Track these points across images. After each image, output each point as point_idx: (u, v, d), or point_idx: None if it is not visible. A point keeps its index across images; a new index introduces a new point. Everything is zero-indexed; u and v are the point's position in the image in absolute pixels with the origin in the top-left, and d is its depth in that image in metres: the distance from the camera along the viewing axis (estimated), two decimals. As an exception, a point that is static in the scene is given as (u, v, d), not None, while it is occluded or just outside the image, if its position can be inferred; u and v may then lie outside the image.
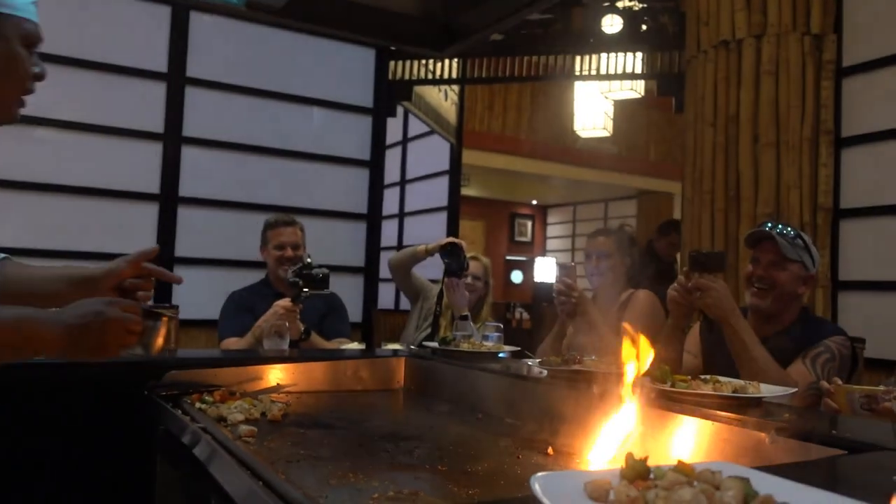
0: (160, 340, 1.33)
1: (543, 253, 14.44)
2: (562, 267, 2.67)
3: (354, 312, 4.28)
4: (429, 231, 5.93)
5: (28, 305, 1.48)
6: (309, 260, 2.67)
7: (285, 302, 2.64)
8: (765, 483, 0.70)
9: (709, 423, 1.29)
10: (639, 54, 4.45)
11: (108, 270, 1.44)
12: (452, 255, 3.04)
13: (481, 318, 3.33)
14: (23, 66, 1.23)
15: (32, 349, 1.14)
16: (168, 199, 4.02)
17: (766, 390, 1.47)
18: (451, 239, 3.12)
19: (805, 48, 3.38)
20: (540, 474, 0.69)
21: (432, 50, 2.47)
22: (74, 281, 1.45)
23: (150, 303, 1.50)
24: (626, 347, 1.18)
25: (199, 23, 4.13)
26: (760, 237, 2.16)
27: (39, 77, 1.28)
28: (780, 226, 2.17)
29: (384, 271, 5.16)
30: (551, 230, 14.77)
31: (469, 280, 3.29)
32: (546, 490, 0.66)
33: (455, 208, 5.78)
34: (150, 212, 3.96)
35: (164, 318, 1.33)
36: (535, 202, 14.48)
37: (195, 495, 1.38)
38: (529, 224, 14.61)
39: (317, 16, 2.32)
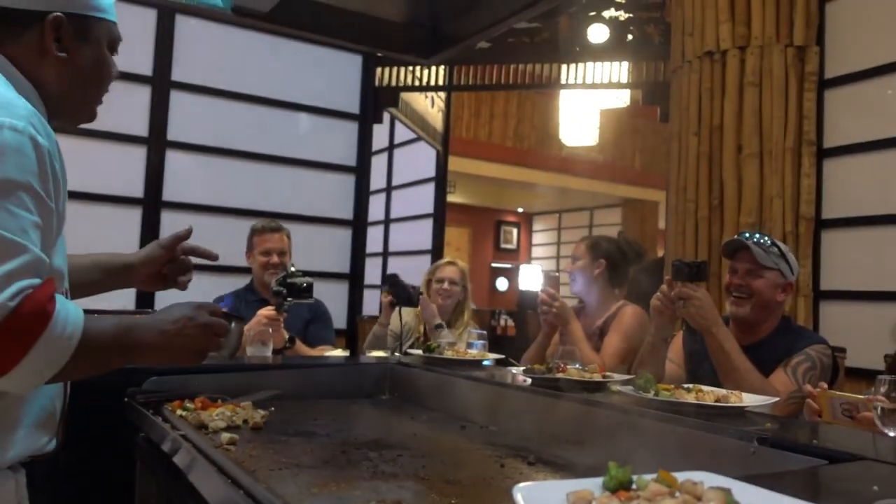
0: (236, 344, 1.34)
1: (529, 260, 14.47)
2: (545, 276, 2.68)
3: (339, 319, 4.27)
4: (415, 237, 5.92)
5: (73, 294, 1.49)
6: (293, 268, 2.65)
7: (268, 311, 2.63)
8: (746, 493, 0.70)
9: (691, 432, 1.29)
10: (624, 64, 4.49)
11: (145, 257, 1.46)
12: (396, 288, 2.99)
13: (462, 323, 3.32)
14: (109, 69, 1.24)
15: (132, 356, 1.12)
16: (152, 204, 3.98)
17: (749, 399, 1.48)
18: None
19: (788, 60, 3.42)
20: (522, 485, 0.69)
21: (418, 57, 2.47)
22: (110, 269, 1.46)
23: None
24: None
25: (185, 27, 4.11)
26: (737, 247, 2.18)
27: (116, 77, 1.28)
28: (756, 235, 2.19)
29: (369, 278, 5.15)
30: (537, 237, 14.80)
31: (446, 285, 3.29)
32: (529, 501, 0.66)
33: (441, 215, 5.78)
34: (134, 216, 3.92)
35: (238, 321, 1.34)
36: (520, 210, 14.52)
37: (176, 503, 1.36)
38: (515, 231, 14.64)
39: (303, 21, 2.31)
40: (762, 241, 2.16)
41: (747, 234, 2.21)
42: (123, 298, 3.69)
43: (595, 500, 0.69)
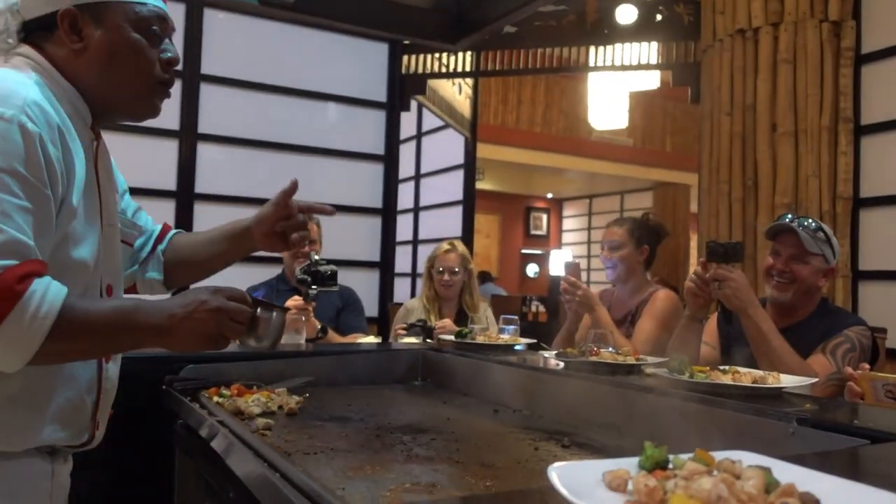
0: (274, 333, 1.27)
1: (559, 246, 14.40)
2: (567, 265, 2.65)
3: (370, 307, 4.29)
4: (444, 225, 5.92)
5: (201, 271, 1.53)
6: (317, 257, 2.66)
7: (297, 301, 2.65)
8: (786, 472, 0.69)
9: (728, 413, 1.27)
10: (654, 44, 4.41)
11: (258, 216, 1.47)
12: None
13: (474, 305, 3.29)
14: (139, 52, 1.19)
15: (134, 339, 1.11)
16: (185, 196, 4.04)
17: (787, 380, 1.46)
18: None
19: (823, 35, 3.34)
20: (557, 464, 0.69)
21: (445, 42, 2.46)
22: (233, 236, 1.49)
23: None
24: None
25: (213, 20, 4.14)
26: (781, 230, 2.14)
27: (171, 62, 1.24)
28: (801, 218, 2.14)
29: (399, 265, 5.17)
30: (567, 223, 14.72)
31: (447, 277, 3.22)
32: (564, 480, 0.65)
33: (470, 202, 5.77)
34: (168, 208, 3.98)
35: (280, 311, 1.28)
36: (550, 195, 14.44)
37: (214, 488, 1.38)
38: (545, 217, 14.57)
39: (330, 10, 2.32)
40: (808, 224, 2.11)
41: (790, 217, 2.16)
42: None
43: (631, 478, 0.68)
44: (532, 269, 14.02)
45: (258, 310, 1.23)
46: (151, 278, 1.49)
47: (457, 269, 3.24)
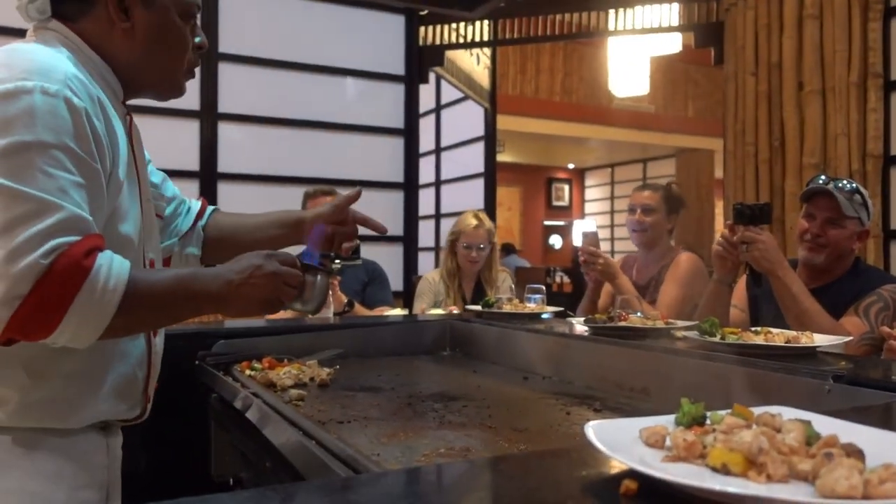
0: (320, 296, 1.26)
1: (582, 216, 14.32)
2: (585, 234, 2.62)
3: (395, 281, 4.30)
4: (466, 198, 5.90)
5: (237, 249, 1.46)
6: None
7: (335, 275, 2.65)
8: (826, 425, 0.68)
9: (762, 373, 1.26)
10: (675, 6, 4.33)
11: (315, 213, 1.47)
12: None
13: (492, 279, 3.22)
14: (181, 36, 1.20)
15: (196, 307, 1.12)
16: (208, 176, 4.07)
17: (820, 340, 1.44)
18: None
19: (851, -12, 3.25)
20: (594, 422, 0.69)
21: (462, 10, 2.42)
22: (285, 223, 1.49)
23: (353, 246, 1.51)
24: None
25: (228, -2, 4.13)
26: (816, 192, 2.09)
27: (201, 47, 1.25)
28: (836, 180, 2.08)
29: (423, 240, 5.17)
30: (589, 193, 14.61)
31: (474, 253, 3.13)
32: (601, 437, 0.65)
33: (491, 175, 5.74)
34: (192, 189, 4.01)
35: (324, 274, 1.26)
36: (571, 166, 14.33)
37: (249, 458, 1.41)
38: (567, 188, 14.47)
39: (346, -19, 2.30)
40: (844, 186, 2.06)
41: (823, 178, 2.10)
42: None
43: (669, 434, 0.68)
44: (555, 240, 13.97)
45: (305, 273, 1.22)
46: (189, 253, 1.50)
47: (483, 246, 3.15)
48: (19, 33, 1.20)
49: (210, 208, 1.56)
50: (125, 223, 1.14)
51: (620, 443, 0.67)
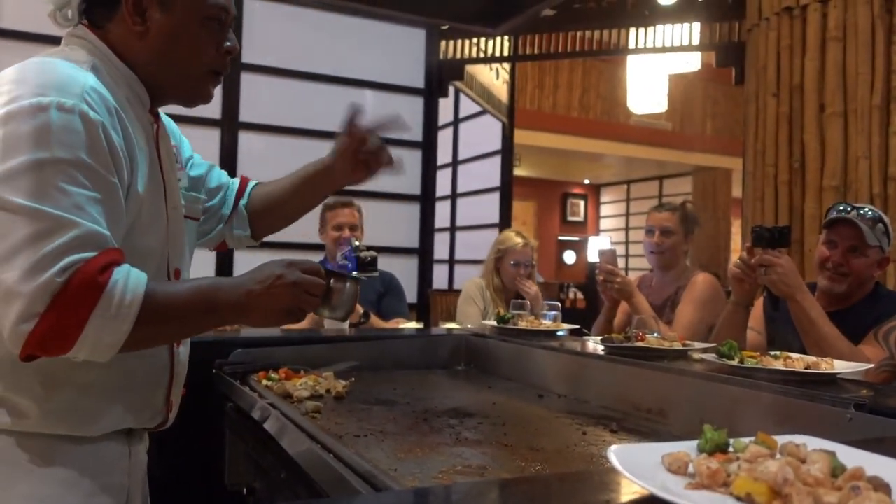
0: (349, 303, 1.25)
1: (597, 233, 14.27)
2: (602, 252, 2.62)
3: (410, 293, 4.31)
4: (481, 212, 5.91)
5: (284, 219, 1.55)
6: (357, 243, 2.67)
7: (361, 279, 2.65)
8: (851, 456, 0.68)
9: (782, 399, 1.25)
10: (696, 25, 4.33)
11: (334, 150, 1.45)
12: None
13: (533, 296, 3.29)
14: (197, 41, 1.17)
15: (216, 319, 1.11)
16: (226, 184, 4.09)
17: (840, 366, 1.42)
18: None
19: (874, 12, 3.23)
20: (616, 446, 0.69)
21: (485, 26, 2.44)
22: (312, 177, 1.48)
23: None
24: None
25: (252, 9, 4.18)
26: (839, 220, 2.07)
27: (231, 51, 1.22)
28: (858, 208, 2.06)
29: (438, 252, 5.17)
30: (605, 209, 14.56)
31: (522, 270, 3.25)
32: (624, 462, 0.65)
33: (507, 188, 5.75)
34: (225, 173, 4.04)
35: (353, 280, 1.25)
36: (587, 181, 14.30)
37: (264, 468, 1.41)
38: (582, 204, 14.43)
39: (370, -4, 2.32)
40: (867, 213, 2.04)
41: (845, 206, 2.08)
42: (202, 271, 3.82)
43: (692, 461, 0.68)
44: (569, 256, 13.93)
45: (331, 280, 1.21)
46: (239, 235, 1.51)
47: (531, 263, 3.28)
48: (36, 38, 1.22)
49: (251, 184, 1.55)
50: (147, 235, 1.14)
51: (643, 468, 0.67)
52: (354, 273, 2.59)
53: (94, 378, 1.11)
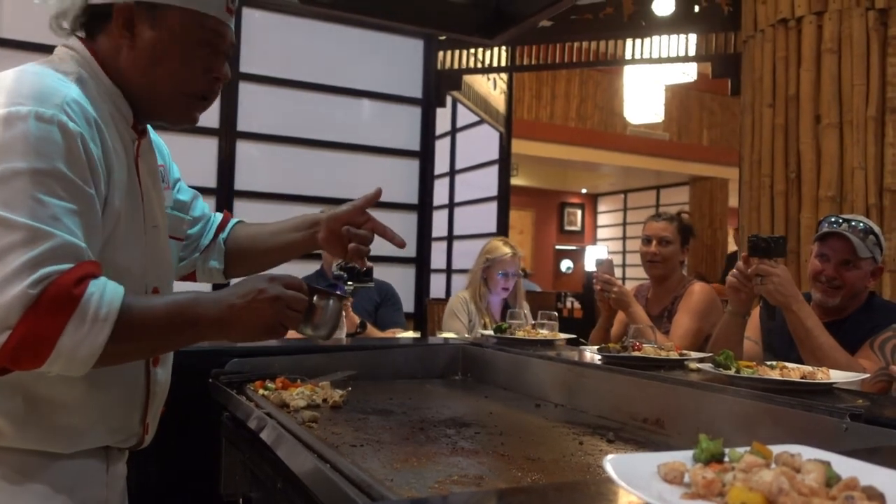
0: (332, 321, 1.22)
1: (594, 242, 14.30)
2: (599, 262, 2.62)
3: (407, 303, 4.31)
4: (479, 221, 5.92)
5: (262, 263, 1.52)
6: None
7: (348, 299, 2.66)
8: (846, 466, 0.68)
9: (778, 409, 1.25)
10: (692, 36, 4.35)
11: (331, 213, 1.42)
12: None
13: (518, 302, 3.30)
14: (184, 60, 1.15)
15: (195, 333, 1.08)
16: (225, 193, 4.10)
17: (836, 376, 1.43)
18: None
19: (869, 24, 3.25)
20: (612, 456, 0.69)
21: (483, 38, 2.45)
22: (302, 227, 1.46)
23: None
24: None
25: (251, 19, 4.19)
26: (830, 233, 2.08)
27: (219, 79, 1.21)
28: (849, 221, 2.07)
29: (435, 261, 5.17)
30: (601, 219, 14.60)
31: (509, 281, 3.25)
32: (620, 472, 0.65)
33: (505, 198, 5.76)
34: (208, 205, 4.04)
35: (336, 298, 1.23)
36: (584, 191, 14.33)
37: (261, 479, 1.41)
38: (579, 213, 14.47)
39: (367, 6, 2.32)
40: (858, 225, 2.05)
41: (837, 220, 2.09)
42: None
43: (688, 471, 0.68)
44: (566, 265, 13.94)
45: (314, 297, 1.20)
46: (212, 267, 1.50)
47: (516, 273, 3.27)
48: (33, 48, 1.22)
49: (232, 221, 1.56)
50: (123, 251, 1.12)
51: (639, 478, 0.67)
52: (351, 284, 2.60)
53: (72, 397, 1.10)
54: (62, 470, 1.11)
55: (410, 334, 2.93)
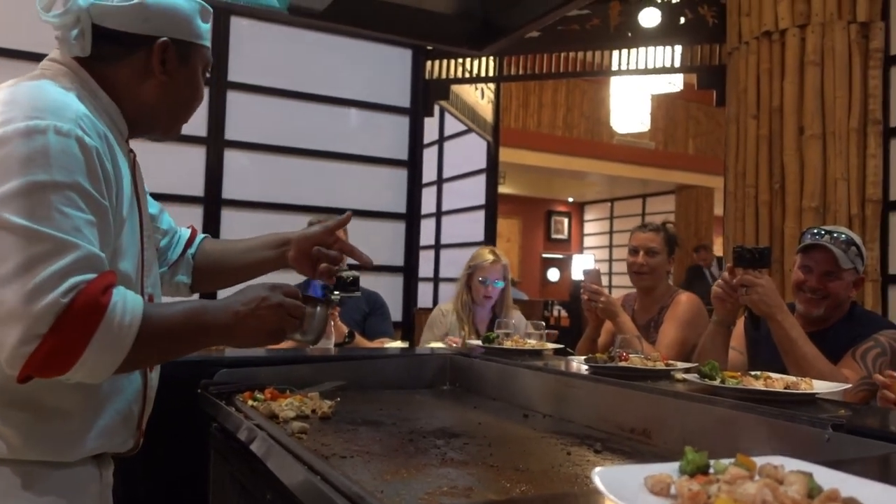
0: (320, 327, 1.29)
1: (581, 250, 14.35)
2: (586, 272, 2.64)
3: (395, 312, 4.31)
4: (466, 229, 5.94)
5: (232, 279, 1.57)
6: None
7: (334, 305, 2.66)
8: (828, 477, 0.70)
9: (762, 419, 1.27)
10: (678, 48, 4.40)
11: (302, 232, 1.49)
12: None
13: (505, 313, 3.25)
14: (200, 91, 1.29)
15: (205, 339, 1.16)
16: (212, 202, 4.09)
17: (819, 386, 1.45)
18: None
19: (851, 37, 3.31)
20: (601, 468, 0.70)
21: (472, 49, 2.47)
22: (272, 245, 1.51)
23: (347, 269, 1.51)
24: None
25: (239, 27, 4.20)
26: (813, 245, 2.11)
27: (200, 99, 1.33)
28: (831, 232, 2.11)
29: (423, 270, 5.19)
30: (588, 227, 14.67)
31: (490, 289, 3.15)
32: (608, 484, 0.67)
33: (492, 206, 5.78)
34: (195, 214, 4.03)
35: (324, 305, 1.30)
36: (571, 199, 14.40)
37: (250, 490, 1.41)
38: (566, 221, 14.53)
39: (358, 18, 2.34)
40: (840, 237, 2.09)
41: (819, 231, 2.12)
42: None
43: (674, 483, 0.69)
44: (553, 274, 13.99)
45: (308, 306, 1.26)
46: (179, 282, 1.52)
47: (499, 281, 3.18)
48: (21, 56, 1.24)
49: (200, 236, 1.58)
50: (124, 260, 1.16)
51: (626, 490, 0.68)
52: (337, 294, 2.60)
53: (76, 404, 1.11)
54: (62, 479, 1.12)
55: (399, 344, 2.93)
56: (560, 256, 14.13)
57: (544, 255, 14.11)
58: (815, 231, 2.14)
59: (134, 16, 1.15)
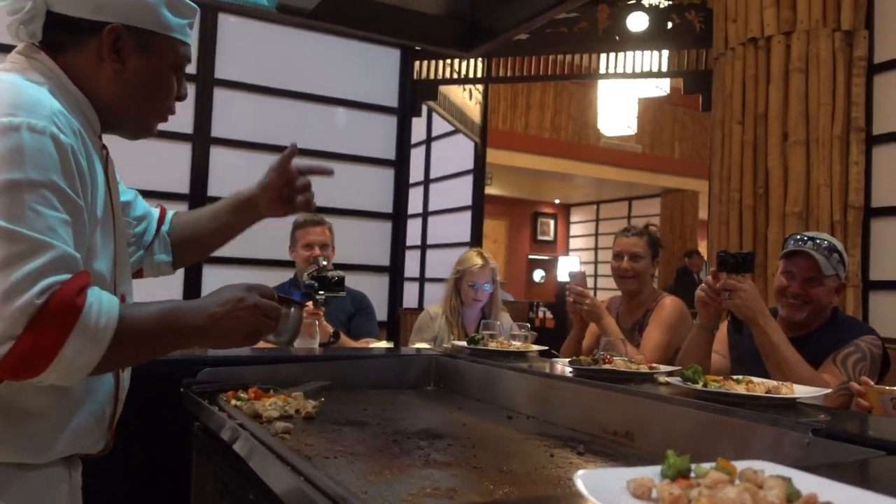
0: (293, 329, 1.30)
1: (566, 252, 14.41)
2: (572, 274, 2.65)
3: (380, 311, 4.30)
4: (453, 230, 5.94)
5: (207, 247, 1.57)
6: (324, 263, 2.67)
7: (307, 306, 2.65)
8: (806, 482, 0.71)
9: (743, 423, 1.29)
10: (665, 52, 4.43)
11: (261, 185, 1.50)
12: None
13: (494, 316, 3.26)
14: (167, 85, 1.24)
15: (180, 340, 1.13)
16: (198, 200, 4.06)
17: (800, 391, 1.47)
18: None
19: (836, 44, 3.35)
20: (583, 471, 0.70)
21: (460, 50, 2.48)
22: (237, 207, 1.52)
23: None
24: None
25: (227, 24, 4.18)
26: (795, 252, 2.13)
27: (181, 98, 1.29)
28: (813, 239, 2.13)
29: (409, 270, 5.18)
30: (574, 229, 14.73)
31: (479, 293, 3.15)
32: (590, 487, 0.67)
33: (479, 207, 5.79)
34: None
35: (298, 306, 1.30)
36: (557, 201, 14.45)
37: (233, 490, 1.40)
38: (552, 223, 14.58)
39: (346, 18, 2.34)
40: (822, 243, 2.11)
41: (801, 237, 2.14)
42: (170, 288, 3.77)
43: (655, 486, 0.70)
44: (539, 275, 14.03)
45: (283, 307, 1.25)
46: (160, 261, 1.52)
47: (487, 285, 3.16)
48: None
49: (170, 212, 1.57)
50: (98, 260, 1.14)
51: (608, 493, 0.69)
52: (322, 294, 2.60)
53: (48, 405, 1.10)
54: (32, 480, 1.11)
55: (384, 344, 2.93)
56: (546, 258, 14.18)
57: (530, 257, 14.15)
58: (798, 237, 2.16)
59: (87, 1, 1.12)
